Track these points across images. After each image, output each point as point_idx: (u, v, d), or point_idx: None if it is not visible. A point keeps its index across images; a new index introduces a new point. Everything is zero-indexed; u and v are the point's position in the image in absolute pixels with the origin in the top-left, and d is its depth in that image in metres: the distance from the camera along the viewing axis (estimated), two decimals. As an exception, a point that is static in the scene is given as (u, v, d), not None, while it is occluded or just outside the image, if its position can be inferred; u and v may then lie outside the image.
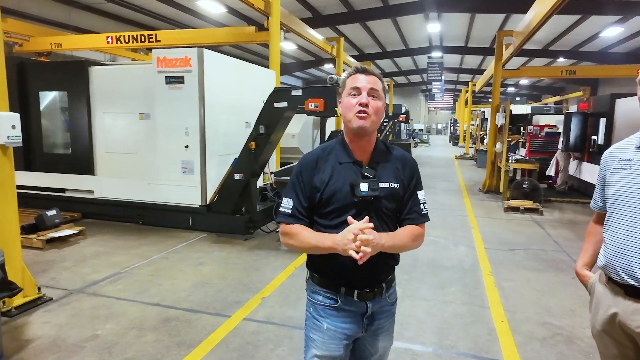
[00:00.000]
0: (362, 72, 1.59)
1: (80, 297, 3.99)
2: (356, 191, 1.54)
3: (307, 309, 1.73)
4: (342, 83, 1.65)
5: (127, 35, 9.55)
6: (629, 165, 1.61)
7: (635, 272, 1.53)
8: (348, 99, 1.58)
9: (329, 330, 1.64)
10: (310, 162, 1.64)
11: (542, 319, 3.65)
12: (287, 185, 1.69)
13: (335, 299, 1.63)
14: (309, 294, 1.72)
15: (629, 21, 13.34)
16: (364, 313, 1.64)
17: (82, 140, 6.91)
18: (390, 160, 1.66)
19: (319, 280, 1.67)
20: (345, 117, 1.60)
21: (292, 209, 1.62)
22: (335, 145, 1.68)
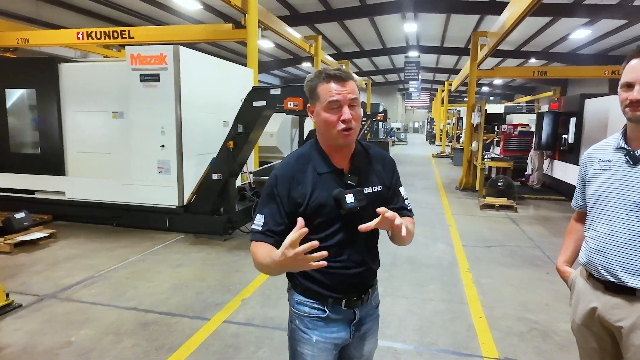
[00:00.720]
0: (337, 81, 1.43)
1: (53, 303, 3.85)
2: (342, 204, 1.43)
3: (292, 321, 1.62)
4: (310, 89, 1.48)
5: (99, 31, 9.25)
6: (608, 166, 1.65)
7: (615, 269, 1.58)
8: (327, 115, 1.43)
9: (318, 343, 1.56)
10: (287, 174, 1.49)
11: (519, 314, 3.74)
12: (261, 200, 1.54)
13: (323, 309, 1.55)
14: (294, 305, 1.60)
15: (597, 24, 13.82)
16: (351, 320, 1.59)
17: (52, 140, 6.65)
18: (371, 162, 1.59)
19: (304, 291, 1.56)
20: (325, 132, 1.47)
21: (262, 226, 1.48)
22: (310, 153, 1.54)
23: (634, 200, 1.55)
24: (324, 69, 1.47)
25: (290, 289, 1.63)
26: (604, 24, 13.85)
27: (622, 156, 1.62)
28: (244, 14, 7.90)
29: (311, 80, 1.48)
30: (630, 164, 1.58)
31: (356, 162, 1.55)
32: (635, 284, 1.54)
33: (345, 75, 1.44)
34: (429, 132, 35.37)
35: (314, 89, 1.47)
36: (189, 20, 14.21)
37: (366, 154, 1.60)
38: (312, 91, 1.48)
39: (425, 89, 37.64)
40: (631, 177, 1.57)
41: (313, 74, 1.49)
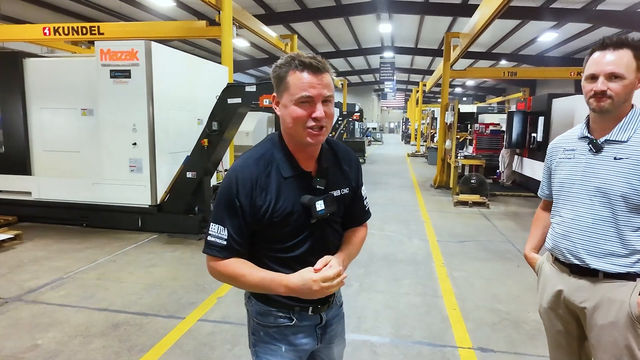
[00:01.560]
0: (312, 71, 1.25)
1: (18, 306, 3.69)
2: (312, 213, 1.32)
3: (254, 333, 1.47)
4: (278, 76, 1.29)
5: (67, 26, 8.94)
6: (572, 154, 1.72)
7: (580, 252, 1.64)
8: (296, 109, 1.26)
9: (288, 352, 1.44)
10: (247, 179, 1.30)
11: (491, 306, 3.83)
12: (216, 206, 1.34)
13: (289, 317, 1.43)
14: (255, 316, 1.45)
15: (563, 27, 14.35)
16: (317, 324, 1.48)
17: (17, 138, 6.38)
18: (338, 162, 1.47)
19: (266, 300, 1.41)
20: (291, 129, 1.30)
21: (227, 240, 1.31)
22: (273, 152, 1.36)
23: (596, 186, 1.61)
24: (298, 54, 1.27)
25: (251, 298, 1.47)
26: (570, 28, 14.40)
27: (585, 145, 1.68)
28: (218, 11, 7.80)
29: (280, 67, 1.28)
30: (593, 152, 1.65)
31: (324, 162, 1.41)
32: (598, 265, 1.61)
33: (322, 66, 1.27)
34: (404, 132, 35.85)
35: (282, 77, 1.28)
36: (161, 18, 13.91)
37: (333, 153, 1.47)
38: (280, 79, 1.29)
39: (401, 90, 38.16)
40: (594, 164, 1.64)
41: (283, 59, 1.29)
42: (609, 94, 1.56)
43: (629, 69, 1.54)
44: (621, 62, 1.54)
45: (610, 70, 1.55)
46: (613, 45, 1.57)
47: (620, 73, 1.54)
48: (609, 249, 1.59)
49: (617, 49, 1.56)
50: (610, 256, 1.59)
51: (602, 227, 1.60)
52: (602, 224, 1.60)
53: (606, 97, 1.57)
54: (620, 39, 1.57)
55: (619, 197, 1.56)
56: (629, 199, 1.55)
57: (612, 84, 1.56)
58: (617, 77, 1.55)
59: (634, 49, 1.56)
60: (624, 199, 1.56)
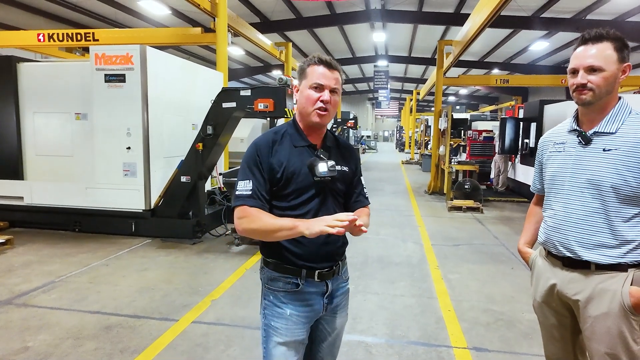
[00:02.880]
0: (326, 66, 1.58)
1: (8, 309, 3.64)
2: (315, 171, 1.55)
3: (266, 298, 1.68)
4: (301, 68, 1.64)
5: (62, 33, 8.96)
6: (562, 148, 1.74)
7: (572, 244, 1.66)
8: (309, 91, 1.57)
9: (292, 316, 1.61)
10: (266, 144, 1.60)
11: (485, 306, 3.84)
12: (242, 169, 1.61)
13: (296, 283, 1.61)
14: (267, 282, 1.66)
15: (553, 37, 14.60)
16: (324, 293, 1.65)
17: (9, 142, 6.34)
18: (339, 147, 1.74)
19: (276, 266, 1.63)
20: (304, 108, 1.60)
21: (252, 191, 1.55)
22: (287, 129, 1.66)
23: (587, 178, 1.63)
24: (317, 54, 1.62)
25: (263, 267, 1.69)
26: (561, 37, 14.64)
27: (574, 137, 1.70)
28: (213, 17, 7.87)
29: (304, 62, 1.64)
30: (583, 144, 1.67)
31: (328, 142, 1.70)
32: (590, 257, 1.62)
33: (335, 64, 1.60)
34: (399, 140, 36.04)
35: (304, 69, 1.62)
36: (156, 26, 13.97)
37: (336, 140, 1.75)
38: (302, 71, 1.63)
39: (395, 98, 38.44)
40: (584, 156, 1.66)
41: (307, 58, 1.64)
42: (589, 87, 1.59)
43: (608, 61, 1.57)
44: (601, 54, 1.57)
45: (589, 63, 1.58)
46: (592, 39, 1.60)
47: (598, 65, 1.57)
48: (600, 240, 1.60)
49: (597, 42, 1.59)
50: (602, 247, 1.60)
51: (593, 219, 1.62)
52: (593, 215, 1.62)
53: (587, 90, 1.60)
54: (600, 32, 1.60)
55: (609, 188, 1.58)
56: (619, 190, 1.57)
57: (591, 76, 1.59)
58: (596, 69, 1.58)
59: (614, 41, 1.59)
60: (614, 190, 1.58)
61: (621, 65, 1.60)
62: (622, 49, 1.60)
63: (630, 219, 1.58)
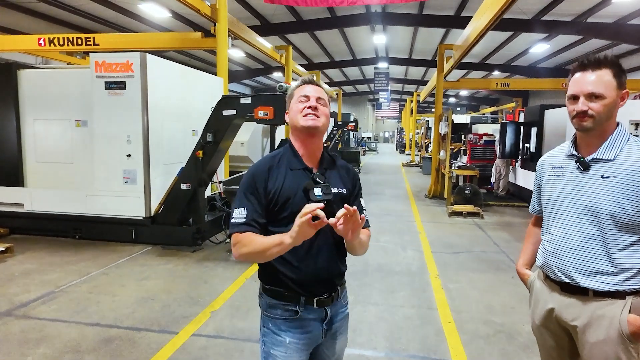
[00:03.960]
0: (309, 83, 1.66)
1: (7, 321, 3.64)
2: (310, 195, 1.54)
3: (265, 325, 1.66)
4: (289, 94, 1.68)
5: (62, 37, 8.97)
6: (561, 172, 1.73)
7: (569, 271, 1.65)
8: (297, 104, 1.62)
9: (291, 344, 1.60)
10: (263, 170, 1.61)
11: (485, 318, 3.83)
12: (238, 196, 1.62)
13: (295, 310, 1.60)
14: (265, 308, 1.65)
15: (554, 39, 14.58)
16: (323, 319, 1.64)
17: (9, 149, 6.35)
18: (336, 168, 1.73)
19: (275, 293, 1.62)
20: (294, 120, 1.62)
21: (245, 218, 1.55)
22: (284, 152, 1.68)
23: (585, 204, 1.62)
24: (302, 77, 1.73)
25: (262, 293, 1.68)
26: (561, 39, 14.62)
27: (573, 163, 1.70)
28: (214, 22, 7.87)
29: (291, 89, 1.70)
30: (581, 170, 1.66)
31: (324, 164, 1.69)
32: (588, 284, 1.61)
33: (318, 83, 1.68)
34: (399, 141, 36.03)
35: (291, 94, 1.67)
36: (157, 29, 13.98)
37: (333, 161, 1.74)
38: (290, 96, 1.68)
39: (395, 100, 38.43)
40: (582, 182, 1.65)
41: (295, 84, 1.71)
42: (590, 114, 1.58)
43: (608, 88, 1.57)
44: (601, 81, 1.57)
45: (590, 90, 1.57)
46: (592, 65, 1.59)
47: (599, 93, 1.56)
48: (598, 267, 1.59)
49: (596, 68, 1.58)
50: (599, 274, 1.59)
51: (591, 246, 1.61)
52: (590, 242, 1.61)
53: (587, 117, 1.59)
54: (598, 58, 1.60)
55: (607, 215, 1.57)
56: (617, 218, 1.56)
57: (592, 103, 1.58)
58: (597, 96, 1.57)
59: (613, 67, 1.58)
60: (611, 218, 1.57)
61: (620, 91, 1.60)
62: (620, 75, 1.59)
63: (627, 246, 1.57)
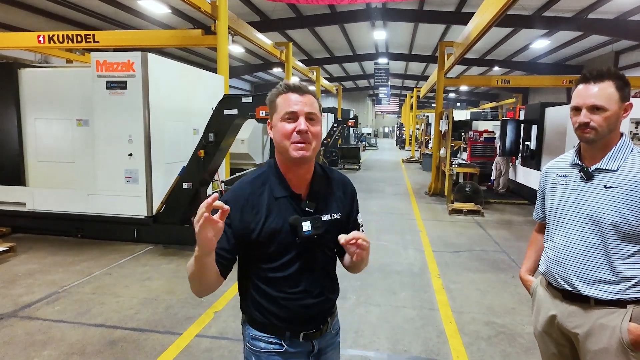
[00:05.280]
0: (294, 91, 1.37)
1: (12, 322, 3.66)
2: (298, 232, 1.35)
3: (248, 358, 1.50)
4: (270, 102, 1.42)
5: (62, 34, 8.93)
6: (564, 181, 1.75)
7: (571, 278, 1.67)
8: (282, 124, 1.35)
9: None
10: (241, 196, 1.39)
11: (487, 319, 3.86)
12: None
13: (280, 344, 1.44)
14: (249, 340, 1.48)
15: (555, 35, 14.55)
16: (310, 352, 1.49)
17: (11, 148, 6.35)
18: (331, 187, 1.51)
19: (259, 325, 1.46)
20: (280, 145, 1.38)
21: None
22: (268, 175, 1.44)
23: (587, 213, 1.65)
24: (285, 82, 1.43)
25: (245, 322, 1.52)
26: (562, 35, 14.60)
27: (576, 172, 1.72)
28: (214, 20, 7.83)
29: (271, 94, 1.43)
30: (584, 180, 1.68)
31: (315, 186, 1.46)
32: (590, 292, 1.64)
33: (306, 88, 1.40)
34: (399, 137, 36.03)
35: (273, 100, 1.41)
36: (157, 25, 13.93)
37: (326, 179, 1.51)
38: (271, 104, 1.42)
39: (395, 95, 38.38)
40: (585, 192, 1.67)
41: (274, 89, 1.43)
42: (592, 126, 1.60)
43: (611, 101, 1.58)
44: (603, 94, 1.59)
45: (592, 102, 1.59)
46: (594, 78, 1.61)
47: (601, 105, 1.58)
48: (600, 276, 1.62)
49: (599, 81, 1.60)
50: (601, 283, 1.62)
51: (593, 255, 1.63)
52: (592, 251, 1.63)
53: (590, 129, 1.61)
54: (601, 71, 1.61)
55: (609, 225, 1.59)
56: (619, 228, 1.58)
57: (594, 115, 1.60)
58: (599, 109, 1.59)
59: (616, 79, 1.60)
60: (614, 228, 1.59)
61: (623, 104, 1.61)
62: (624, 88, 1.61)
63: (629, 256, 1.60)
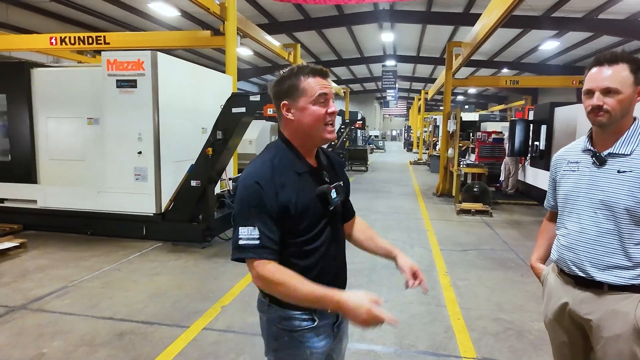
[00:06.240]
0: (322, 75, 1.43)
1: (23, 314, 3.71)
2: (330, 200, 1.46)
3: (277, 339, 1.49)
4: (291, 85, 1.41)
5: (73, 36, 9.07)
6: (576, 167, 1.74)
7: (584, 264, 1.66)
8: (315, 108, 1.40)
9: (312, 355, 1.49)
10: (268, 178, 1.38)
11: (495, 315, 3.83)
12: (240, 213, 1.37)
13: (312, 319, 1.48)
14: (279, 321, 1.47)
15: (564, 36, 14.43)
16: (334, 323, 1.57)
17: (23, 147, 6.45)
18: (330, 160, 1.63)
19: (289, 306, 1.44)
20: (312, 127, 1.42)
21: (259, 238, 1.33)
22: (279, 153, 1.46)
23: (600, 199, 1.63)
24: (304, 65, 1.45)
25: (271, 305, 1.49)
26: (571, 36, 14.47)
27: (589, 158, 1.70)
28: (223, 21, 7.91)
29: (291, 77, 1.42)
30: (597, 165, 1.66)
31: (321, 159, 1.58)
32: (603, 278, 1.62)
33: (327, 71, 1.49)
34: (407, 139, 35.92)
35: (295, 85, 1.40)
36: (166, 27, 14.08)
37: (323, 153, 1.63)
38: (293, 87, 1.41)
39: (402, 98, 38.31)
40: (598, 177, 1.65)
41: (289, 71, 1.43)
42: (605, 109, 1.59)
43: (624, 84, 1.57)
44: (617, 77, 1.57)
45: (606, 85, 1.58)
46: (607, 61, 1.60)
47: (615, 88, 1.57)
48: (613, 261, 1.60)
49: (613, 64, 1.59)
50: (615, 269, 1.60)
51: (606, 240, 1.61)
52: (606, 236, 1.62)
53: (603, 112, 1.60)
54: (615, 53, 1.60)
55: (623, 210, 1.58)
56: (633, 212, 1.57)
57: (607, 98, 1.58)
58: (612, 91, 1.57)
59: (630, 62, 1.58)
60: (627, 212, 1.57)
61: (637, 87, 1.59)
62: (637, 71, 1.59)
63: None
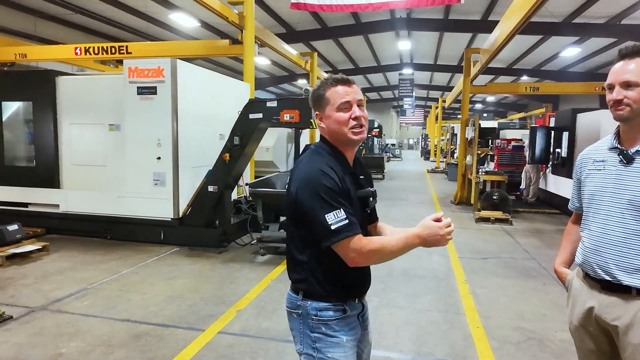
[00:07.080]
0: (343, 84, 1.56)
1: (43, 315, 3.78)
2: (369, 203, 1.61)
3: (315, 331, 1.56)
4: (318, 96, 1.57)
5: (97, 46, 9.34)
6: (602, 166, 1.67)
7: (610, 268, 1.59)
8: (339, 114, 1.53)
9: (348, 342, 1.58)
10: (328, 166, 1.50)
11: (516, 324, 3.72)
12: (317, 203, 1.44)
13: (343, 309, 1.57)
14: (315, 313, 1.55)
15: (586, 42, 14.15)
16: (359, 313, 1.65)
17: (47, 153, 6.64)
18: (362, 166, 1.74)
19: (324, 296, 1.55)
20: (337, 132, 1.55)
21: (347, 217, 1.43)
22: (328, 155, 1.57)
23: (628, 198, 1.56)
24: (328, 77, 1.60)
25: (305, 299, 1.57)
26: (593, 43, 14.19)
27: (615, 156, 1.64)
28: (241, 30, 8.02)
29: (318, 89, 1.59)
30: (624, 163, 1.60)
31: (357, 164, 1.69)
32: (630, 282, 1.54)
33: (351, 79, 1.58)
34: (424, 148, 35.62)
35: (322, 95, 1.57)
36: (186, 38, 14.38)
37: (359, 161, 1.73)
38: (320, 98, 1.57)
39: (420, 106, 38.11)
40: (625, 176, 1.59)
41: (318, 83, 1.61)
42: (625, 102, 1.55)
43: None
44: (639, 69, 1.53)
45: (626, 78, 1.54)
46: (629, 54, 1.56)
47: (634, 81, 1.52)
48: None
49: (635, 57, 1.55)
50: None
51: (634, 242, 1.54)
52: (633, 238, 1.55)
53: (623, 105, 1.55)
54: (637, 46, 1.56)
55: None
56: None
57: (628, 92, 1.54)
58: (632, 85, 1.53)
59: None
60: None
61: None
62: None
63: None
